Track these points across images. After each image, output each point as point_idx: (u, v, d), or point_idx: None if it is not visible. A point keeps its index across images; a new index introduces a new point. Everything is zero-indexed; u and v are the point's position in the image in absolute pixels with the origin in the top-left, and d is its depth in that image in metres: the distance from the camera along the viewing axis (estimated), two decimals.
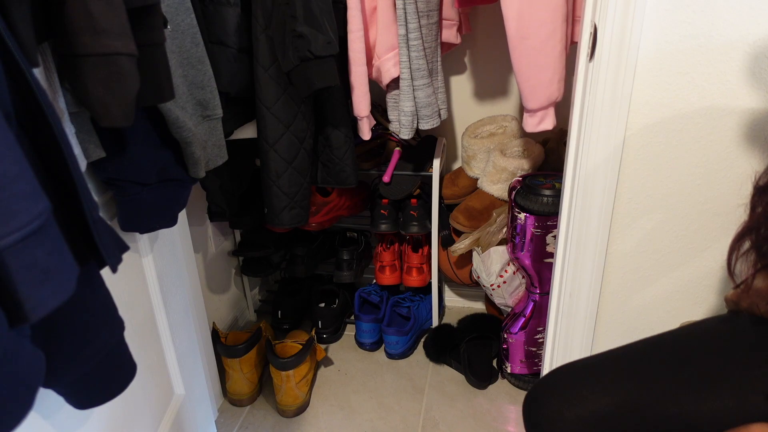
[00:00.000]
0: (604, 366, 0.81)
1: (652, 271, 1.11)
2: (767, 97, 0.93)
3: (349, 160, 1.43)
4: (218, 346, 1.55)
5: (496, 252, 1.56)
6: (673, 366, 0.76)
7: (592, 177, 1.04)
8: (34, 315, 0.50)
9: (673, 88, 0.96)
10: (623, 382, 0.76)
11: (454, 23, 1.46)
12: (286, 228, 1.50)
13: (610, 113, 0.98)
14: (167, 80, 0.86)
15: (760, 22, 0.88)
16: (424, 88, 1.34)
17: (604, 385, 0.77)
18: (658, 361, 0.78)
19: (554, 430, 0.77)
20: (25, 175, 0.48)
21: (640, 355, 0.80)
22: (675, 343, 0.81)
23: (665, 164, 1.01)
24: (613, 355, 0.83)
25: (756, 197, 0.69)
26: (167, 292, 1.22)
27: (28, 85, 0.57)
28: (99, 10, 0.68)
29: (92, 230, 0.66)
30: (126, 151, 0.92)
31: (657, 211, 1.06)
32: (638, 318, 1.16)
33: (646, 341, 0.82)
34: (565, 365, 0.84)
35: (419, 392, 1.63)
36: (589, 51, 0.98)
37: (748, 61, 0.91)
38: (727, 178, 1.00)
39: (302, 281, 1.94)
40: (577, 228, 1.09)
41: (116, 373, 0.83)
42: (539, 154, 1.56)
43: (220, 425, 1.54)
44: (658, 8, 0.91)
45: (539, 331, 1.53)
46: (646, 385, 0.75)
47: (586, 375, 0.80)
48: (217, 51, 1.13)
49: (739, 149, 0.97)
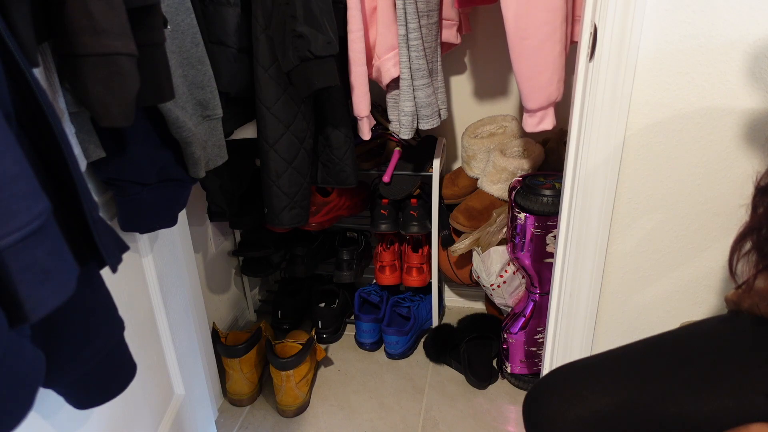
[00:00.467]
0: (605, 366, 0.81)
1: (652, 271, 1.11)
2: (767, 97, 0.93)
3: (349, 160, 1.43)
4: (218, 346, 1.55)
5: (496, 252, 1.56)
6: (673, 366, 0.76)
7: (592, 177, 1.04)
8: (34, 315, 0.50)
9: (673, 88, 0.96)
10: (623, 382, 0.76)
11: (454, 23, 1.46)
12: (286, 228, 1.50)
13: (610, 113, 0.98)
14: (167, 80, 0.86)
15: (760, 22, 0.88)
16: (424, 88, 1.34)
17: (604, 385, 0.77)
18: (658, 361, 0.78)
19: (554, 430, 0.77)
20: (25, 175, 0.48)
21: (641, 355, 0.80)
22: (675, 343, 0.80)
23: (665, 164, 1.01)
24: (613, 355, 0.82)
25: (757, 198, 0.69)
26: (167, 292, 1.22)
27: (28, 85, 0.57)
28: (99, 10, 0.68)
29: (92, 230, 0.66)
30: (126, 151, 0.92)
31: (657, 211, 1.06)
32: (638, 318, 1.16)
33: (646, 341, 0.82)
34: (565, 365, 0.84)
35: (419, 392, 1.63)
36: (589, 51, 0.98)
37: (749, 61, 0.91)
38: (727, 178, 1.00)
39: (302, 281, 1.94)
40: (577, 228, 1.09)
41: (116, 373, 0.83)
42: (539, 154, 1.56)
43: (220, 425, 1.54)
44: (658, 8, 0.91)
45: (539, 331, 1.53)
46: (647, 385, 0.75)
47: (586, 375, 0.80)
48: (217, 51, 1.13)
49: (739, 149, 0.97)
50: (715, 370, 0.73)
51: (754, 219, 0.68)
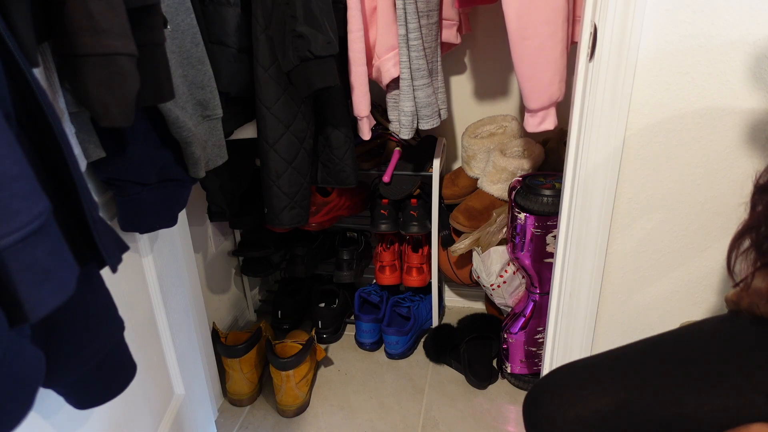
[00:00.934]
0: (605, 366, 0.81)
1: (652, 271, 1.11)
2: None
3: (349, 160, 1.43)
4: (218, 346, 1.55)
5: (496, 252, 1.56)
6: (673, 366, 0.76)
7: (592, 177, 1.04)
8: (34, 315, 0.50)
9: (673, 88, 0.96)
10: (623, 382, 0.76)
11: (454, 23, 1.46)
12: (286, 228, 1.50)
13: (610, 113, 0.98)
14: (167, 80, 0.86)
15: (760, 23, 0.88)
16: (424, 88, 1.34)
17: (604, 385, 0.77)
18: (658, 361, 0.78)
19: (554, 430, 0.77)
20: (25, 174, 0.48)
21: (640, 355, 0.80)
22: (675, 343, 0.80)
23: (665, 164, 1.01)
24: (613, 355, 0.83)
25: (756, 196, 0.69)
26: (167, 292, 1.22)
27: (28, 85, 0.57)
28: (99, 10, 0.68)
29: (92, 230, 0.66)
30: (126, 151, 0.92)
31: (657, 211, 1.06)
32: (638, 318, 1.15)
33: (646, 341, 0.82)
34: (565, 365, 0.84)
35: (419, 392, 1.63)
36: (589, 51, 0.98)
37: (749, 62, 0.91)
38: (727, 178, 1.00)
39: (302, 281, 1.94)
40: (577, 228, 1.09)
41: (116, 373, 0.83)
42: (539, 154, 1.56)
43: (220, 425, 1.54)
44: (658, 8, 0.91)
45: (539, 331, 1.53)
46: (646, 385, 0.75)
47: (586, 375, 0.80)
48: (217, 51, 1.13)
49: (739, 149, 0.97)
50: (715, 370, 0.73)
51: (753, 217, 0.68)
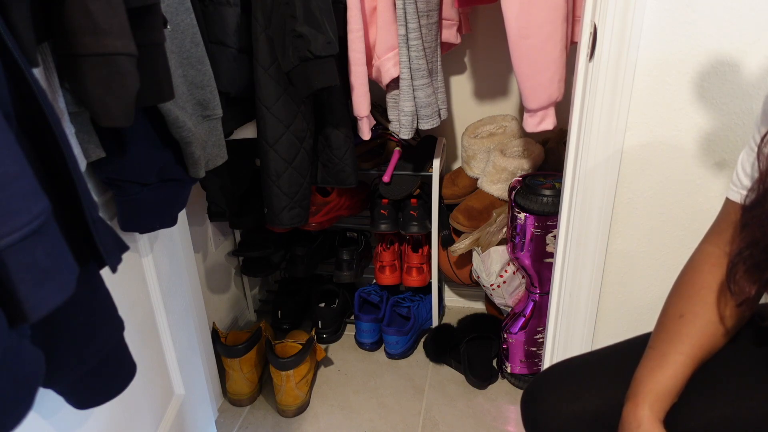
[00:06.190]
0: (601, 363, 0.82)
1: (651, 271, 1.11)
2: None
3: (349, 160, 1.43)
4: (218, 346, 1.55)
5: (496, 252, 1.56)
6: None
7: (592, 177, 1.04)
8: (34, 315, 0.50)
9: (673, 87, 0.96)
10: (619, 379, 0.76)
11: (454, 23, 1.46)
12: (286, 228, 1.50)
13: (610, 113, 0.99)
14: (167, 80, 0.86)
15: (760, 23, 0.88)
16: (424, 88, 1.34)
17: (600, 382, 0.78)
18: None
19: (550, 425, 0.77)
20: (25, 174, 0.48)
21: (638, 352, 0.80)
22: None
23: (665, 164, 1.01)
24: (610, 352, 0.83)
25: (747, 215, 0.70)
26: (167, 292, 1.22)
27: (28, 85, 0.57)
28: (99, 10, 0.68)
29: (92, 230, 0.66)
30: (126, 151, 0.92)
31: (657, 210, 1.06)
32: (638, 318, 1.15)
33: (643, 338, 0.82)
34: (562, 362, 0.85)
35: (419, 392, 1.63)
36: (589, 51, 0.98)
37: (750, 62, 0.91)
38: (727, 178, 1.00)
39: (302, 281, 1.94)
40: (577, 228, 1.09)
41: (116, 373, 0.83)
42: (539, 154, 1.56)
43: (220, 425, 1.54)
44: (658, 8, 0.91)
45: (539, 331, 1.53)
46: None
47: (582, 372, 0.81)
48: (217, 51, 1.13)
49: (739, 149, 0.97)
50: (711, 371, 0.73)
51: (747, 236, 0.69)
